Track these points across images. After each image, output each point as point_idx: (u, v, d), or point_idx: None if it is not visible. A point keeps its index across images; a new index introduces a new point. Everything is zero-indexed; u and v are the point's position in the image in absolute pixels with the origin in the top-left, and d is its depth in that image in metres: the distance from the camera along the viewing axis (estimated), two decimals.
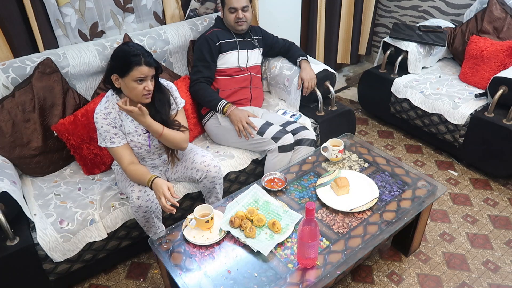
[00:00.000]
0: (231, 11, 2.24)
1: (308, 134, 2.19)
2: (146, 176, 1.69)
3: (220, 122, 2.21)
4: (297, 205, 1.74)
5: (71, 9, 2.16)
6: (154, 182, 1.66)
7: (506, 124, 2.33)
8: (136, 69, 1.61)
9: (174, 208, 1.63)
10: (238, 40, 2.33)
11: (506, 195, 2.40)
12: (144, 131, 1.80)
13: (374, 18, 3.66)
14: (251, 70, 2.38)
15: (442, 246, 2.10)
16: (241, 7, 2.22)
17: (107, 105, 1.73)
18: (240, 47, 2.33)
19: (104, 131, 1.71)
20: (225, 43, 2.29)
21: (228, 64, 2.31)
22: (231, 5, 2.22)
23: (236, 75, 2.33)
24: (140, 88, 1.65)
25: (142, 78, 1.63)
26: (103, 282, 1.99)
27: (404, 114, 2.83)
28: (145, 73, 1.63)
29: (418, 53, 2.84)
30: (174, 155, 1.92)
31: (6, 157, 1.94)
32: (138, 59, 1.61)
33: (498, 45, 2.58)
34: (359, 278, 1.95)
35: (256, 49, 2.41)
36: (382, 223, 1.65)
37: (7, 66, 1.95)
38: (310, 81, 2.35)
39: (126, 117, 1.76)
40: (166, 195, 1.61)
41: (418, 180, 1.86)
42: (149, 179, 1.67)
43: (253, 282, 1.41)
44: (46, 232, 1.72)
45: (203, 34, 2.32)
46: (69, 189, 1.98)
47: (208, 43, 2.24)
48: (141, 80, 1.64)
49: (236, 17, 2.24)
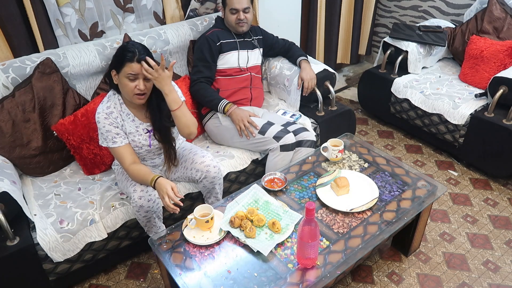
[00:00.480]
0: (232, 12, 2.24)
1: (308, 136, 2.19)
2: (149, 176, 1.68)
3: (221, 121, 2.21)
4: (297, 205, 1.74)
5: (71, 9, 2.16)
6: (158, 181, 1.65)
7: (506, 124, 2.33)
8: (127, 65, 1.60)
9: (178, 207, 1.63)
10: (238, 40, 2.33)
11: (506, 195, 2.40)
12: (145, 130, 1.80)
13: (374, 18, 3.66)
14: (251, 70, 2.38)
15: (442, 246, 2.10)
16: (242, 8, 2.23)
17: (109, 104, 1.72)
18: (240, 47, 2.33)
19: (106, 131, 1.70)
20: (225, 43, 2.29)
21: (228, 64, 2.31)
22: (233, 6, 2.22)
23: (236, 75, 2.33)
24: (131, 86, 1.63)
25: (133, 75, 1.62)
26: (103, 282, 1.99)
27: (404, 114, 2.83)
28: (136, 71, 1.61)
29: (418, 53, 2.84)
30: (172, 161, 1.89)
31: (6, 157, 1.94)
32: (130, 56, 1.60)
33: (498, 45, 2.58)
34: (359, 278, 1.95)
35: (256, 49, 2.41)
36: (382, 223, 1.65)
37: (7, 66, 1.95)
38: (310, 81, 2.35)
39: (127, 117, 1.76)
40: (169, 195, 1.61)
41: (418, 180, 1.86)
42: (152, 179, 1.67)
43: (253, 282, 1.41)
44: (46, 232, 1.72)
45: (204, 34, 2.32)
46: (69, 189, 1.98)
47: (208, 43, 2.25)
48: (133, 78, 1.62)
49: (237, 18, 2.24)
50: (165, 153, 1.86)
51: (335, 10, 3.36)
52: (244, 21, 2.25)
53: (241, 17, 2.24)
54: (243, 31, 2.31)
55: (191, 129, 1.79)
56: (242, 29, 2.29)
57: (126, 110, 1.75)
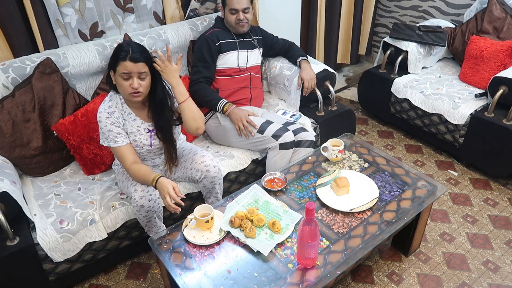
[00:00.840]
0: (232, 12, 2.24)
1: (307, 136, 2.19)
2: (150, 176, 1.68)
3: (220, 121, 2.21)
4: (297, 205, 1.74)
5: (71, 9, 2.16)
6: (159, 181, 1.65)
7: (506, 124, 2.33)
8: (120, 64, 1.60)
9: (179, 207, 1.63)
10: (238, 40, 2.33)
11: (506, 195, 2.40)
12: (146, 130, 1.80)
13: (374, 18, 3.66)
14: (250, 70, 2.38)
15: (442, 246, 2.10)
16: (242, 9, 2.22)
17: (110, 104, 1.72)
18: (240, 48, 2.33)
19: (108, 130, 1.70)
20: (224, 43, 2.29)
21: (227, 65, 2.31)
22: (232, 6, 2.22)
23: (235, 75, 2.33)
24: (126, 85, 1.63)
25: (127, 73, 1.61)
26: (103, 282, 1.99)
27: (404, 114, 2.83)
28: (129, 69, 1.60)
29: (418, 53, 2.84)
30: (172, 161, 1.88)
31: (6, 157, 1.94)
32: (123, 54, 1.60)
33: (498, 45, 2.58)
34: (359, 278, 1.95)
35: (256, 49, 2.41)
36: (382, 223, 1.65)
37: (7, 66, 1.95)
38: (310, 81, 2.35)
39: (128, 117, 1.76)
40: (171, 194, 1.61)
41: (418, 180, 1.86)
42: (153, 179, 1.67)
43: (253, 282, 1.41)
44: (46, 232, 1.72)
45: (203, 34, 2.32)
46: (69, 189, 1.98)
47: (208, 43, 2.25)
48: (127, 76, 1.61)
49: (237, 18, 2.24)
50: (167, 153, 1.86)
51: (335, 10, 3.36)
52: (244, 21, 2.25)
53: (240, 17, 2.23)
54: (243, 32, 2.31)
55: (198, 122, 1.78)
56: (242, 29, 2.28)
57: (127, 110, 1.75)
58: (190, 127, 1.79)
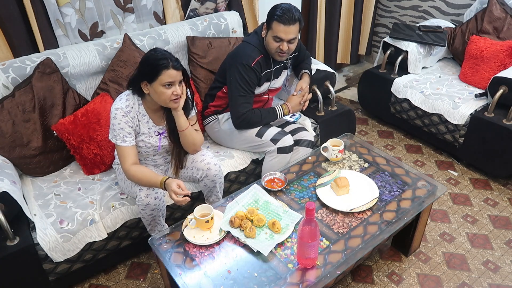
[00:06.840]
0: (275, 40, 1.96)
1: (306, 135, 2.19)
2: (158, 178, 1.69)
3: (220, 126, 2.21)
4: (297, 205, 1.74)
5: (71, 9, 2.16)
6: (167, 183, 1.67)
7: (506, 124, 2.33)
8: (164, 73, 1.61)
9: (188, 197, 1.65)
10: (274, 69, 2.13)
11: (506, 195, 2.40)
12: (156, 133, 1.81)
13: (374, 18, 3.66)
14: (270, 93, 2.25)
15: (442, 246, 2.10)
16: (288, 39, 1.95)
17: (128, 103, 1.72)
18: (274, 77, 2.16)
19: (120, 128, 1.70)
20: (264, 75, 2.09)
21: (256, 92, 2.14)
22: (277, 35, 1.93)
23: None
24: (169, 93, 1.65)
25: (170, 82, 1.64)
26: (103, 282, 1.99)
27: (404, 114, 2.83)
28: (173, 77, 1.63)
29: (418, 53, 2.84)
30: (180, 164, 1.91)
31: (6, 157, 1.94)
32: (166, 63, 1.61)
33: (498, 45, 2.58)
34: (359, 278, 1.95)
35: (285, 71, 2.24)
36: (382, 223, 1.65)
37: (7, 66, 1.95)
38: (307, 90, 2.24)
39: (142, 118, 1.77)
40: (175, 191, 1.62)
41: (418, 180, 1.86)
42: (161, 181, 1.68)
43: (253, 282, 1.41)
44: (46, 232, 1.72)
45: (249, 62, 1.99)
46: (69, 189, 1.98)
47: (255, 75, 2.03)
48: (169, 84, 1.64)
49: (279, 47, 1.97)
50: (176, 155, 1.89)
51: (335, 10, 3.36)
52: (286, 52, 1.99)
53: (284, 48, 1.96)
54: (281, 61, 2.11)
55: (197, 146, 1.88)
56: (281, 59, 2.07)
57: (143, 111, 1.77)
58: (188, 149, 1.89)
